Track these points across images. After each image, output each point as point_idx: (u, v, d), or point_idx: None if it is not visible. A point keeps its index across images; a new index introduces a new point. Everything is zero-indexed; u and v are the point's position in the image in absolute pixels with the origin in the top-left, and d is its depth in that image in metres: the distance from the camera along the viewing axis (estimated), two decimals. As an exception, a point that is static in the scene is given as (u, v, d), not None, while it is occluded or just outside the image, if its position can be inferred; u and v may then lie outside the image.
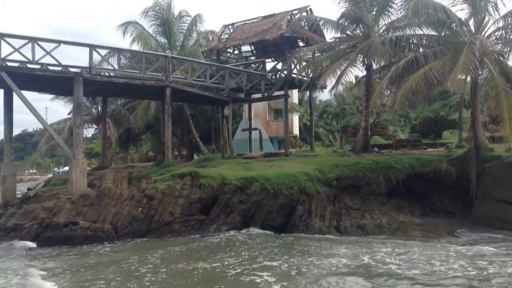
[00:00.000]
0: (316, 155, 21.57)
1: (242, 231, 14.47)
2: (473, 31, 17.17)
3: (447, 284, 8.56)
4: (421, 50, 17.78)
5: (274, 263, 10.46)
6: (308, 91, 26.48)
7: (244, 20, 26.77)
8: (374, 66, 20.64)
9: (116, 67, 18.77)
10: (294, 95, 34.73)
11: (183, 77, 20.66)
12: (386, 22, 20.72)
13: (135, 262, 11.06)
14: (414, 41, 18.70)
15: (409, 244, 12.38)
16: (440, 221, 15.52)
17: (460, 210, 15.97)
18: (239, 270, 9.95)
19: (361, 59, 20.31)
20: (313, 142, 26.83)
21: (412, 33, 19.17)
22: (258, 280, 9.15)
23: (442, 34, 17.93)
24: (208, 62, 23.89)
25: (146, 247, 12.94)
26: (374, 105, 21.54)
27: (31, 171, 76.59)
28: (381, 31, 20.68)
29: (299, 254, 11.46)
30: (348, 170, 16.22)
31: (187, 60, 21.95)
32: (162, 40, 28.12)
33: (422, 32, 18.84)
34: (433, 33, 18.30)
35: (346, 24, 20.64)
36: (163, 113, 19.87)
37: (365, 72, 21.06)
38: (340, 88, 22.37)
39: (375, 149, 21.13)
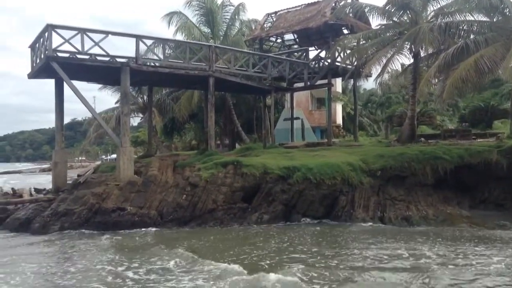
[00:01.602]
0: (360, 145, 21.22)
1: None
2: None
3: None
4: (471, 36, 17.07)
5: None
6: (352, 80, 26.02)
7: (287, 8, 26.55)
8: (422, 54, 20.01)
9: (161, 57, 19.11)
10: (338, 84, 34.20)
11: (226, 66, 20.78)
12: (434, 8, 20.00)
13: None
14: (465, 28, 17.95)
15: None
16: (489, 213, 14.92)
17: (511, 202, 15.30)
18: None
19: (408, 47, 19.70)
20: (357, 132, 26.42)
21: (462, 19, 18.42)
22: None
23: (494, 20, 17.11)
24: (250, 51, 23.90)
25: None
26: (421, 94, 20.93)
27: (80, 158, 79.78)
28: (429, 17, 19.98)
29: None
30: (393, 160, 15.85)
31: (230, 49, 22.04)
32: (206, 29, 28.37)
33: (472, 18, 18.08)
34: (485, 19, 17.50)
35: (392, 10, 20.05)
36: (206, 103, 20.12)
37: (412, 60, 20.44)
38: (386, 76, 21.95)
39: (422, 139, 20.58)
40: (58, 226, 13.89)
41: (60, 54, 15.95)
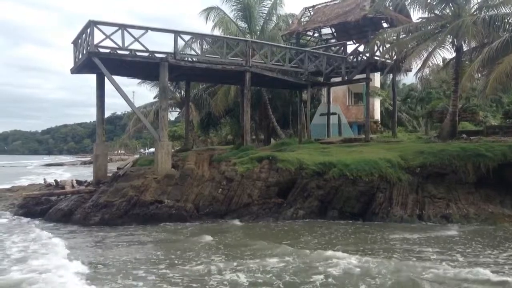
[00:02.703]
0: (399, 141, 20.79)
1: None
2: None
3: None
4: (517, 30, 16.36)
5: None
6: (391, 74, 25.47)
7: (325, 2, 26.22)
8: (464, 48, 19.36)
9: (199, 52, 19.29)
10: (376, 78, 33.57)
11: (263, 61, 20.76)
12: (478, 0, 19.31)
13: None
14: (510, 21, 17.22)
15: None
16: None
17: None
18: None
19: (450, 40, 19.12)
20: (395, 128, 25.87)
21: (508, 11, 17.67)
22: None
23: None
24: (287, 46, 23.76)
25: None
26: (463, 89, 20.32)
27: (119, 151, 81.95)
28: (472, 10, 19.31)
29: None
30: (433, 157, 15.43)
31: (267, 44, 21.99)
32: (243, 24, 28.42)
33: (519, 11, 17.31)
34: (532, 11, 16.73)
35: (434, 3, 19.53)
36: (243, 98, 20.18)
37: (454, 54, 19.82)
38: (426, 71, 21.33)
39: (463, 135, 19.94)
40: (98, 217, 14.30)
41: (101, 50, 16.31)
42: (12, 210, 16.14)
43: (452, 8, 19.35)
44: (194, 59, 18.92)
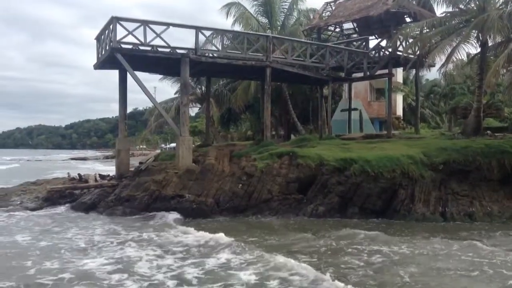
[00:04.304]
0: (421, 138, 20.47)
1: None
2: None
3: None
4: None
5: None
6: (414, 70, 25.09)
7: (347, -3, 25.94)
8: (490, 43, 18.91)
9: (220, 48, 19.33)
10: (399, 74, 33.08)
11: (283, 56, 20.69)
12: (505, -6, 18.83)
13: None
14: (537, 15, 16.77)
15: None
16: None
17: None
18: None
19: (475, 35, 18.69)
20: (418, 124, 25.51)
21: (536, 5, 17.20)
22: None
23: None
24: (308, 41, 23.61)
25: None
26: (488, 85, 19.79)
27: (141, 146, 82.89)
28: (498, 4, 18.83)
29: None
30: (457, 154, 15.16)
31: (288, 39, 21.90)
32: (263, 20, 28.35)
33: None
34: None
35: (459, -3, 19.11)
36: (263, 93, 20.15)
37: (479, 49, 19.38)
38: (450, 66, 20.91)
39: (488, 132, 19.54)
40: (121, 210, 14.55)
41: (123, 46, 16.51)
42: (37, 203, 16.43)
43: (477, 2, 18.90)
44: (215, 55, 19.00)
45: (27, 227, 12.71)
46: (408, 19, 23.38)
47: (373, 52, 23.14)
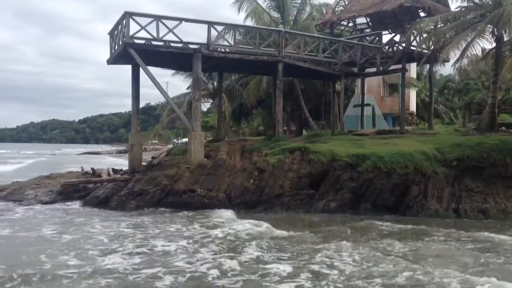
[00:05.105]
0: (435, 134, 20.28)
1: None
2: None
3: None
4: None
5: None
6: (428, 65, 24.78)
7: (360, -9, 25.69)
8: (505, 38, 18.61)
9: (232, 43, 19.30)
10: (412, 69, 32.77)
11: (296, 51, 20.60)
12: (522, -13, 18.50)
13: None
14: (553, 10, 16.45)
15: None
16: None
17: None
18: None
19: (490, 30, 18.40)
20: (431, 120, 25.22)
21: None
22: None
23: None
24: (321, 36, 23.49)
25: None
26: (504, 80, 19.63)
27: (153, 141, 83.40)
28: (515, -2, 18.54)
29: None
30: (471, 150, 14.99)
31: (300, 34, 21.78)
32: (276, 14, 28.26)
33: None
34: None
35: (474, -9, 18.83)
36: (275, 88, 20.10)
37: (494, 44, 19.09)
38: (465, 61, 20.66)
39: (503, 128, 19.26)
40: (133, 205, 14.68)
41: (136, 41, 16.59)
42: (51, 196, 16.61)
43: (493, -4, 18.62)
44: (227, 50, 18.97)
45: (46, 220, 12.82)
46: (422, 14, 23.09)
47: (387, 47, 22.92)
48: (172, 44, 17.05)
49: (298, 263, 8.61)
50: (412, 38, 21.55)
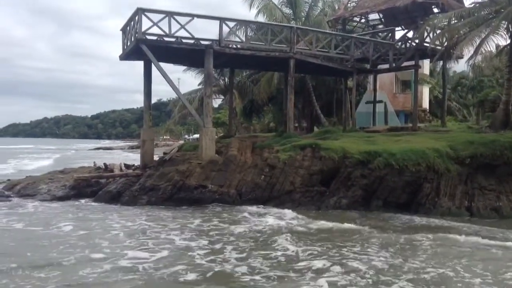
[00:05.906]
0: (448, 131, 20.08)
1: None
2: None
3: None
4: None
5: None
6: (441, 62, 24.54)
7: (373, -13, 25.49)
8: (520, 34, 18.39)
9: (243, 39, 19.30)
10: (425, 65, 32.39)
11: (307, 48, 20.52)
12: (537, -17, 18.19)
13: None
14: None
15: None
16: None
17: None
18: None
19: (504, 26, 18.16)
20: (444, 117, 25.01)
21: None
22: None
23: None
24: (333, 32, 23.36)
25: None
26: (518, 77, 19.27)
27: (165, 137, 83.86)
28: (530, -6, 18.24)
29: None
30: (484, 147, 14.81)
31: (312, 30, 21.69)
32: (287, 10, 28.19)
33: None
34: None
35: (489, -13, 18.57)
36: (286, 85, 20.07)
37: (508, 41, 18.84)
38: (479, 58, 20.49)
39: (517, 126, 19.00)
40: (145, 200, 14.79)
41: (149, 37, 16.64)
42: (64, 191, 16.77)
43: (508, -8, 18.35)
44: (238, 46, 18.96)
45: (59, 216, 12.91)
46: (435, 10, 22.85)
47: (399, 43, 22.74)
48: (184, 40, 17.10)
49: (329, 258, 8.69)
50: (425, 34, 21.33)
